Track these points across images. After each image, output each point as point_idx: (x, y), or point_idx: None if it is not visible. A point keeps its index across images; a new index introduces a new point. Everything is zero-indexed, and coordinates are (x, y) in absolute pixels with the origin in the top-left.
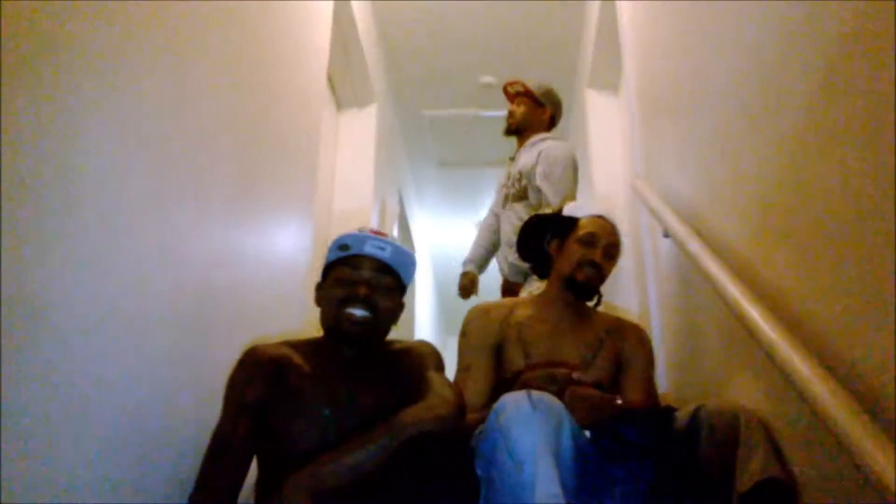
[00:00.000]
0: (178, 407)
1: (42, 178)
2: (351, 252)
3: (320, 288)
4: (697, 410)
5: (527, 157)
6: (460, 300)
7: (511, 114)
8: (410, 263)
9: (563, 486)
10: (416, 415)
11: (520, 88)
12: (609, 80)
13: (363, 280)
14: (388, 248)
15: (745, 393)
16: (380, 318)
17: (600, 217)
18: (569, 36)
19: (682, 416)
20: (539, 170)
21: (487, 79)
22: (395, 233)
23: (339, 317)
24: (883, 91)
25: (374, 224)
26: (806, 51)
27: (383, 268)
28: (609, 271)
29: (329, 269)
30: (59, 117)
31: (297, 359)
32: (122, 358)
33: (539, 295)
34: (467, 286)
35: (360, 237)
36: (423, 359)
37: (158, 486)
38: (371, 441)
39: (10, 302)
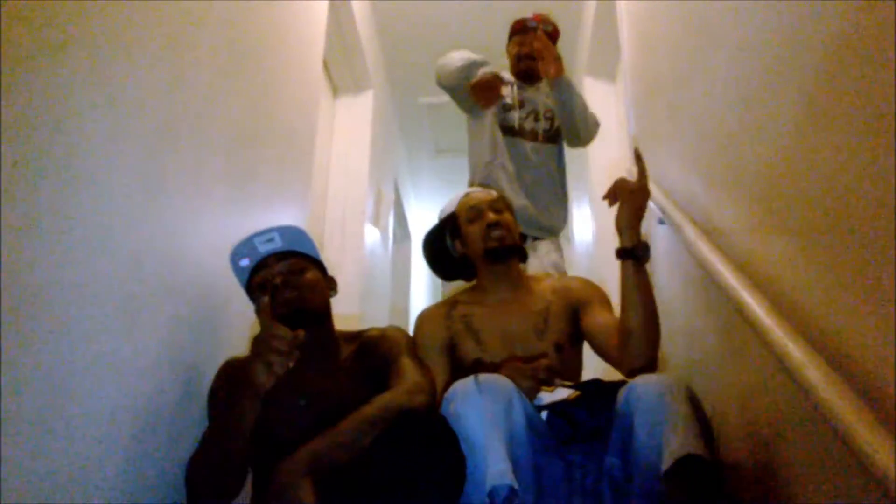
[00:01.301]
0: (176, 394)
1: (37, 164)
2: (252, 262)
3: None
4: (630, 390)
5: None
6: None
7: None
8: (300, 234)
9: (516, 462)
10: (395, 398)
11: (551, 29)
12: (606, 68)
13: (274, 274)
14: (275, 236)
15: (740, 380)
16: (305, 291)
17: (466, 195)
18: (566, 23)
19: (619, 395)
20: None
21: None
22: (392, 221)
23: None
24: (883, 78)
25: (369, 211)
26: (806, 38)
27: (284, 254)
28: (512, 222)
29: (249, 289)
30: (54, 101)
31: None
32: (117, 346)
33: (475, 285)
34: (491, 81)
35: (248, 244)
36: (395, 344)
37: (154, 478)
38: (362, 419)
39: (6, 292)
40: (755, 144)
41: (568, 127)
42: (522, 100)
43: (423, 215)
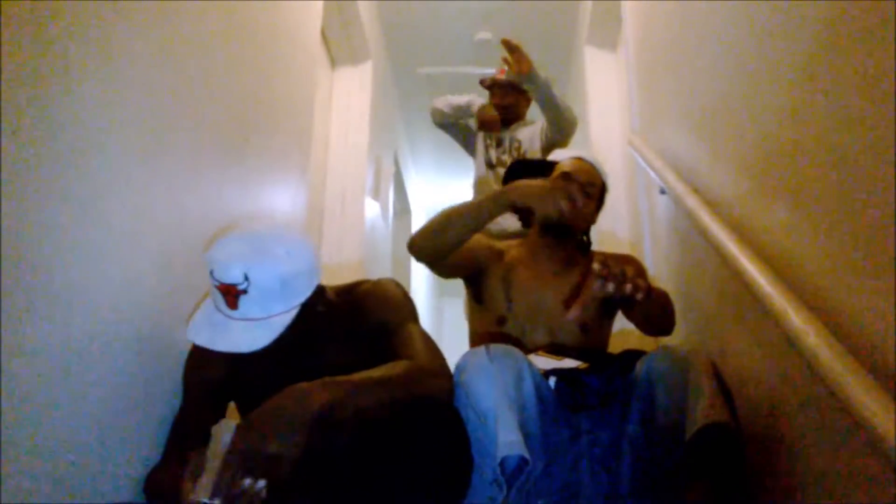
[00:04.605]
0: (170, 374)
1: (33, 134)
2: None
3: None
4: (651, 360)
5: (529, 133)
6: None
7: (509, 107)
8: (275, 285)
9: (527, 433)
10: (413, 386)
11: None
12: (608, 37)
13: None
14: (241, 307)
15: (741, 348)
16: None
17: (578, 158)
18: None
19: (638, 366)
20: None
21: (484, 35)
22: (391, 193)
23: None
24: (882, 46)
25: (369, 184)
26: (806, 6)
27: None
28: (589, 211)
29: None
30: (52, 75)
31: None
32: (117, 329)
33: (527, 240)
34: (495, 116)
35: (215, 298)
36: (393, 308)
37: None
38: (385, 383)
39: (5, 276)
40: (756, 114)
41: (552, 116)
42: (500, 139)
43: (424, 188)
